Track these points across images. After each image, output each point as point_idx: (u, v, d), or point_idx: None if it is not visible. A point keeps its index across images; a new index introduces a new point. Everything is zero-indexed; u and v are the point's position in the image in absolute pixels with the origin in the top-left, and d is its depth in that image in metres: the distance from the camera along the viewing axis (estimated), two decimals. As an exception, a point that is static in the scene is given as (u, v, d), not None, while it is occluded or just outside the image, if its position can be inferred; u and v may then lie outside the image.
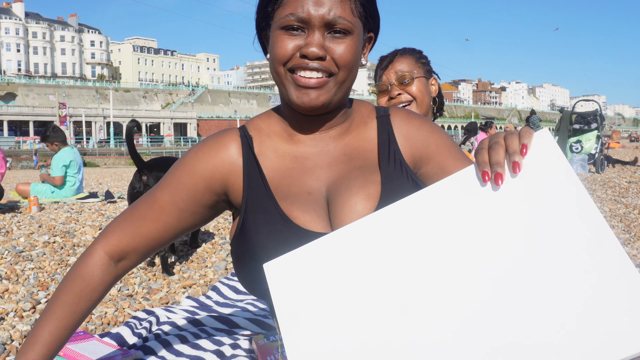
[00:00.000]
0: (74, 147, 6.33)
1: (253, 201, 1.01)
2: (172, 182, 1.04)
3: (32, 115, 61.54)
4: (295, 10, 0.95)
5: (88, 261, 1.05)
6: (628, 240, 3.78)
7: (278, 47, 0.97)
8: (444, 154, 1.09)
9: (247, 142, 1.05)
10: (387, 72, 1.78)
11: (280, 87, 1.01)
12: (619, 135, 35.19)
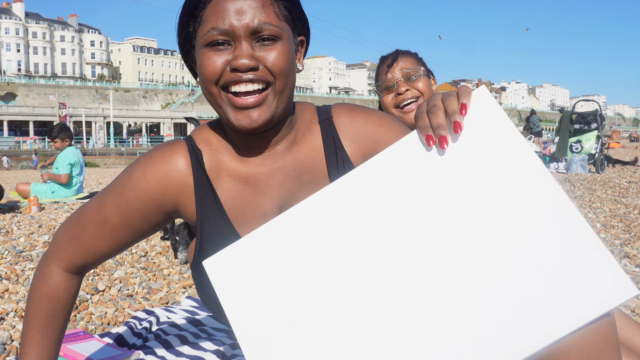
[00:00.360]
0: (77, 148, 6.34)
1: (209, 227, 0.97)
2: (121, 205, 0.99)
3: (32, 115, 61.53)
4: (216, 24, 0.90)
5: (48, 281, 1.04)
6: (628, 240, 3.78)
7: (205, 65, 0.91)
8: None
9: (197, 157, 0.99)
10: (391, 70, 1.79)
11: (216, 109, 0.96)
12: (619, 135, 35.19)
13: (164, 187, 0.97)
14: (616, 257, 3.33)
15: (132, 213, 0.98)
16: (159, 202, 0.98)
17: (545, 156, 10.76)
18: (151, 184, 0.97)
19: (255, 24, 0.90)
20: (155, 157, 0.99)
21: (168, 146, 1.00)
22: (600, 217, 4.66)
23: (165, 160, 0.98)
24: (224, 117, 0.95)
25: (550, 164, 10.08)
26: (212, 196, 0.97)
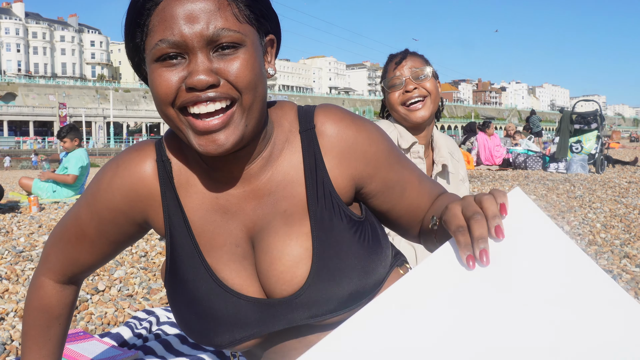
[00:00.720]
0: (86, 150, 6.36)
1: (178, 246, 0.90)
2: (94, 217, 0.94)
3: (32, 115, 61.53)
4: (164, 35, 0.75)
5: (40, 294, 1.02)
6: (628, 240, 3.78)
7: (157, 84, 0.77)
8: (386, 166, 0.93)
9: (165, 168, 0.89)
10: (400, 68, 1.79)
11: (177, 132, 0.82)
12: (619, 136, 35.16)
13: (130, 199, 0.90)
14: (616, 257, 3.33)
15: (106, 225, 0.94)
16: (129, 215, 0.92)
17: (545, 156, 10.76)
18: (118, 196, 0.90)
19: (210, 32, 0.75)
20: (122, 166, 0.91)
21: (135, 153, 0.91)
22: (600, 217, 4.66)
23: (132, 171, 0.89)
24: (186, 141, 0.81)
25: (551, 164, 10.08)
26: (180, 214, 0.89)
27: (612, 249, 3.54)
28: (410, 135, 1.79)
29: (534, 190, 6.54)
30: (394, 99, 1.79)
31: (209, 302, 0.87)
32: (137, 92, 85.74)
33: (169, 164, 0.90)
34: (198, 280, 0.88)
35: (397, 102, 1.78)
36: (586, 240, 3.83)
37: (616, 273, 2.98)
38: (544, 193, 6.26)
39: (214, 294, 0.87)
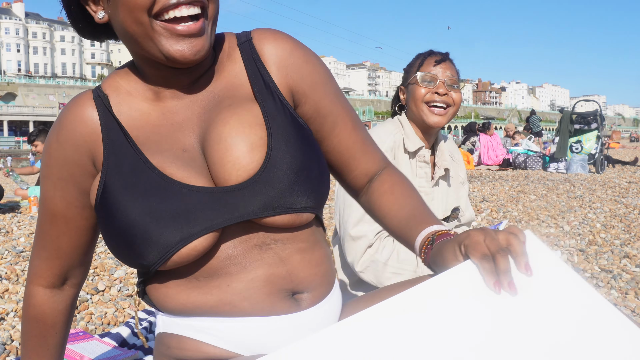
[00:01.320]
0: None
1: (116, 162, 0.86)
2: (55, 187, 0.91)
3: (32, 115, 61.53)
4: None
5: (31, 303, 0.99)
6: (628, 240, 3.78)
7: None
8: (320, 89, 0.94)
9: (102, 102, 0.89)
10: (438, 68, 1.72)
11: (142, 42, 0.81)
12: (619, 136, 35.14)
13: (77, 144, 0.88)
14: (616, 257, 3.33)
15: (68, 189, 0.90)
16: (80, 163, 0.89)
17: (545, 156, 10.76)
18: (67, 148, 0.89)
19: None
20: (63, 118, 0.90)
21: (72, 102, 0.91)
22: (600, 217, 4.66)
23: (72, 118, 0.89)
24: (153, 49, 0.81)
25: (551, 164, 10.08)
26: (122, 135, 0.87)
27: (612, 249, 3.54)
28: (417, 139, 1.73)
29: (534, 190, 6.55)
30: (420, 94, 1.71)
31: (153, 197, 0.81)
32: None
33: (105, 97, 0.90)
34: (139, 180, 0.83)
35: (422, 98, 1.71)
36: (586, 240, 3.83)
37: (616, 273, 2.99)
38: (544, 193, 6.26)
39: (158, 188, 0.82)
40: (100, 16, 0.85)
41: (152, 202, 0.81)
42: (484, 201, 5.66)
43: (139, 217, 0.81)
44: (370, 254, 1.49)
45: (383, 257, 1.49)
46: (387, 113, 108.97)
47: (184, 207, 0.81)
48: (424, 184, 1.69)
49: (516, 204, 5.51)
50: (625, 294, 2.67)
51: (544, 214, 4.90)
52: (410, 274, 1.49)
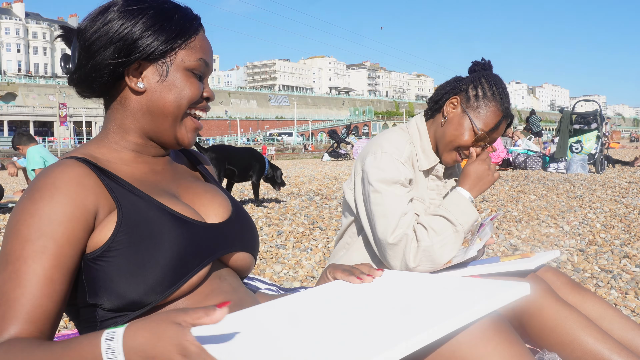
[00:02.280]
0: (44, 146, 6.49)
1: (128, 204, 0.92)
2: (47, 245, 0.84)
3: (32, 115, 61.55)
4: (205, 57, 1.03)
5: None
6: (628, 240, 3.78)
7: (190, 87, 1.01)
8: None
9: (92, 164, 0.94)
10: (493, 136, 1.61)
11: (164, 121, 1.01)
12: (619, 136, 35.17)
13: (81, 198, 0.88)
14: (616, 257, 3.34)
15: (62, 249, 0.86)
16: (84, 219, 0.88)
17: (545, 156, 10.76)
18: (68, 204, 0.87)
19: (211, 67, 1.08)
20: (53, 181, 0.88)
21: (54, 167, 0.91)
22: (600, 217, 4.66)
23: (70, 177, 0.89)
24: (168, 131, 1.02)
25: (550, 164, 10.08)
26: (120, 184, 0.95)
27: (612, 249, 3.54)
28: (433, 154, 1.63)
29: (534, 190, 6.55)
30: (465, 143, 1.57)
31: (173, 235, 0.92)
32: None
33: (90, 161, 0.95)
34: (159, 219, 0.93)
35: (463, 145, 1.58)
36: (586, 240, 3.83)
37: (616, 273, 2.99)
38: (544, 193, 6.26)
39: (176, 225, 0.94)
40: (141, 86, 0.99)
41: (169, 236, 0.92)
42: (484, 201, 5.66)
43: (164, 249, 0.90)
44: (415, 247, 1.47)
45: (427, 241, 1.46)
46: (387, 113, 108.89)
47: (195, 239, 0.96)
48: (434, 197, 1.65)
49: (516, 204, 5.51)
50: (625, 294, 2.67)
51: (544, 213, 4.90)
52: (452, 235, 1.47)
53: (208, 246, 0.98)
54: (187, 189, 1.08)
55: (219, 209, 1.06)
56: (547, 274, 1.52)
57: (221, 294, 0.98)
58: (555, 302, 1.33)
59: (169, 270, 0.90)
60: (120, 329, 0.70)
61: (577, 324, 1.29)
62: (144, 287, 0.88)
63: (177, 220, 0.95)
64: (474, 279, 1.05)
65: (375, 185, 1.52)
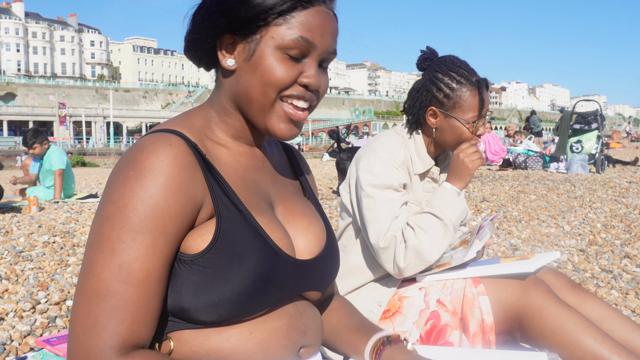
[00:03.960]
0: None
1: (227, 215, 0.85)
2: (156, 242, 0.78)
3: (32, 115, 61.52)
4: (307, 35, 0.85)
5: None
6: (628, 240, 3.78)
7: (278, 70, 0.85)
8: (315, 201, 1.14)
9: (198, 151, 0.86)
10: (485, 107, 1.59)
11: (254, 109, 0.89)
12: (619, 135, 35.14)
13: (191, 192, 0.82)
14: (616, 257, 3.33)
15: (171, 244, 0.80)
16: (192, 215, 0.83)
17: (545, 156, 10.75)
18: (180, 197, 0.80)
19: (332, 50, 0.90)
20: (168, 166, 0.80)
21: (163, 143, 0.82)
22: (600, 217, 4.66)
23: (182, 164, 0.82)
24: (258, 120, 0.89)
25: (551, 164, 10.07)
26: (221, 185, 0.87)
27: (612, 249, 3.54)
28: (428, 157, 1.63)
29: (534, 190, 6.54)
30: (467, 137, 1.57)
31: (260, 258, 0.83)
32: (137, 92, 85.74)
33: (198, 147, 0.87)
34: (251, 243, 0.84)
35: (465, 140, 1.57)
36: (586, 240, 3.83)
37: (617, 273, 2.98)
38: (544, 193, 6.26)
39: (266, 256, 0.85)
40: (230, 64, 0.89)
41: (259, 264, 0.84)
42: (484, 201, 5.66)
43: (245, 277, 0.82)
44: (403, 247, 1.48)
45: (414, 240, 1.47)
46: (387, 113, 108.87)
47: (281, 276, 0.87)
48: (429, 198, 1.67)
49: (516, 204, 5.50)
50: (625, 294, 2.67)
51: (544, 213, 4.89)
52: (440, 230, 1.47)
53: (290, 285, 0.89)
54: (284, 201, 0.98)
55: (312, 240, 0.96)
56: (547, 275, 1.51)
57: (285, 317, 0.89)
58: (556, 303, 1.33)
59: (241, 299, 0.82)
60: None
61: (578, 325, 1.29)
62: (209, 305, 0.81)
63: (269, 250, 0.86)
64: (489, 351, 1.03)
65: (368, 190, 1.52)
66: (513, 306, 1.38)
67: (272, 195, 0.97)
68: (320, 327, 0.97)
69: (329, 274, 0.99)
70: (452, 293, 1.47)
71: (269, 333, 0.86)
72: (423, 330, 1.44)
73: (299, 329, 0.90)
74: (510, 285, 1.40)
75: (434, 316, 1.45)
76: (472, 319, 1.41)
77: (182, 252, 0.83)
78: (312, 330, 0.93)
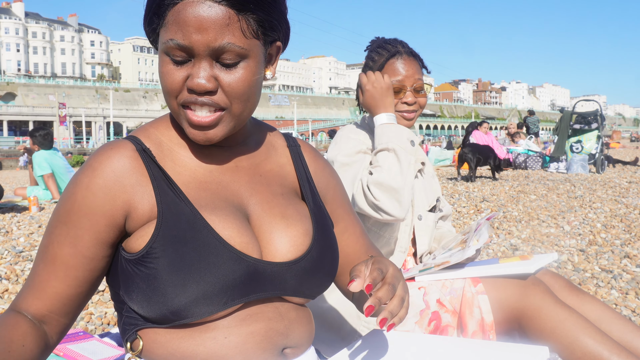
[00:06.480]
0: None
1: (172, 216, 0.84)
2: (69, 233, 0.85)
3: (32, 115, 61.55)
4: (175, 36, 0.81)
5: (3, 321, 0.83)
6: (628, 240, 3.78)
7: (165, 78, 0.84)
8: (339, 199, 1.07)
9: (147, 155, 0.88)
10: (403, 73, 1.66)
11: (176, 117, 0.89)
12: (619, 135, 35.17)
13: (113, 195, 0.85)
14: (616, 257, 3.33)
15: (83, 238, 0.85)
16: (109, 214, 0.85)
17: (545, 156, 10.75)
18: (100, 197, 0.84)
19: (217, 45, 0.81)
20: (100, 166, 0.85)
21: (111, 151, 0.87)
22: (600, 217, 4.66)
23: (114, 167, 0.85)
24: (182, 126, 0.89)
25: (551, 164, 10.07)
26: (172, 191, 0.86)
27: (612, 249, 3.54)
28: None
29: (534, 190, 6.54)
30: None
31: (208, 259, 0.82)
32: (137, 92, 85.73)
33: (149, 151, 0.89)
34: (196, 238, 0.83)
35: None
36: (586, 240, 3.83)
37: (617, 273, 2.98)
38: (544, 193, 6.26)
39: (215, 250, 0.83)
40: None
41: (206, 265, 0.82)
42: (484, 201, 5.66)
43: (192, 276, 0.81)
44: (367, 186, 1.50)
45: (374, 177, 1.49)
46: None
47: (233, 277, 0.83)
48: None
49: (516, 203, 5.51)
50: (625, 294, 2.67)
51: (544, 213, 4.89)
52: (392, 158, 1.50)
53: (247, 287, 0.85)
54: (261, 202, 0.93)
55: (287, 244, 0.91)
56: (546, 277, 1.51)
57: (262, 320, 0.87)
58: (555, 303, 1.33)
59: (199, 299, 0.81)
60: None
61: (577, 325, 1.29)
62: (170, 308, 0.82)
63: (218, 247, 0.83)
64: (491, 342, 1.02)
65: (341, 160, 1.61)
66: (512, 306, 1.38)
67: (244, 195, 0.92)
68: (309, 327, 0.95)
69: (311, 280, 0.92)
70: (451, 293, 1.47)
71: (245, 337, 0.85)
72: (427, 330, 1.45)
73: (279, 331, 0.88)
74: (509, 285, 1.41)
75: (436, 317, 1.45)
76: (470, 318, 1.41)
77: (126, 252, 0.86)
78: (297, 331, 0.91)
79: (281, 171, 1.00)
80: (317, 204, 1.00)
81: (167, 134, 0.93)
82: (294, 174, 1.02)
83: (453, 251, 1.53)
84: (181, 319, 0.83)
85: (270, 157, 1.00)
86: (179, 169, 0.90)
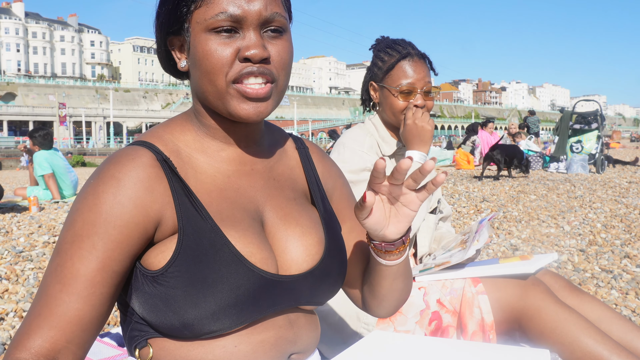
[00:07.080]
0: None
1: (193, 232, 0.82)
2: (94, 247, 0.78)
3: (32, 115, 61.54)
4: (225, 9, 0.80)
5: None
6: (628, 241, 3.78)
7: (212, 55, 0.81)
8: (345, 202, 1.07)
9: (168, 165, 0.85)
10: (415, 74, 1.65)
11: (212, 100, 0.85)
12: (619, 135, 35.17)
13: (145, 205, 0.81)
14: (616, 257, 3.33)
15: (112, 252, 0.79)
16: (143, 227, 0.81)
17: (545, 156, 10.75)
18: (130, 207, 0.80)
19: (268, 13, 0.82)
20: (122, 176, 0.81)
21: (130, 158, 0.83)
22: (600, 217, 4.66)
23: (140, 177, 0.81)
24: (221, 109, 0.86)
25: (551, 164, 10.07)
26: (192, 201, 0.84)
27: (612, 249, 3.54)
28: (393, 140, 1.70)
29: (534, 190, 6.54)
30: (399, 107, 1.65)
31: (230, 278, 0.81)
32: (137, 92, 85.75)
33: (170, 161, 0.86)
34: (218, 256, 0.81)
35: (401, 110, 1.66)
36: (586, 240, 3.83)
37: (617, 273, 2.98)
38: (544, 193, 6.26)
39: (235, 273, 0.81)
40: (183, 65, 0.88)
41: (226, 285, 0.80)
42: (484, 201, 5.66)
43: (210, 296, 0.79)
44: None
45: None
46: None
47: (252, 295, 0.82)
48: None
49: (516, 204, 5.51)
50: (625, 294, 2.67)
51: (544, 213, 4.89)
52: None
53: (267, 302, 0.84)
54: (276, 207, 0.92)
55: (303, 254, 0.90)
56: (545, 277, 1.51)
57: (273, 329, 0.86)
58: (555, 303, 1.33)
59: (216, 317, 0.80)
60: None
61: (577, 325, 1.29)
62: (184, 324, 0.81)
63: (238, 265, 0.82)
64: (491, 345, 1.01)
65: (347, 177, 1.57)
66: (512, 306, 1.38)
67: (260, 202, 0.91)
68: (316, 333, 0.95)
69: (323, 287, 0.92)
70: (451, 293, 1.47)
71: (255, 346, 0.84)
72: (428, 330, 1.45)
73: (288, 339, 0.88)
74: (509, 285, 1.41)
75: (436, 317, 1.45)
76: (470, 318, 1.41)
77: (145, 268, 0.83)
78: (305, 337, 0.91)
79: (292, 174, 0.99)
80: (327, 209, 1.00)
81: (183, 139, 0.90)
82: (303, 177, 1.01)
83: (453, 252, 1.53)
84: (195, 334, 0.82)
85: (282, 159, 0.99)
86: (200, 177, 0.87)
